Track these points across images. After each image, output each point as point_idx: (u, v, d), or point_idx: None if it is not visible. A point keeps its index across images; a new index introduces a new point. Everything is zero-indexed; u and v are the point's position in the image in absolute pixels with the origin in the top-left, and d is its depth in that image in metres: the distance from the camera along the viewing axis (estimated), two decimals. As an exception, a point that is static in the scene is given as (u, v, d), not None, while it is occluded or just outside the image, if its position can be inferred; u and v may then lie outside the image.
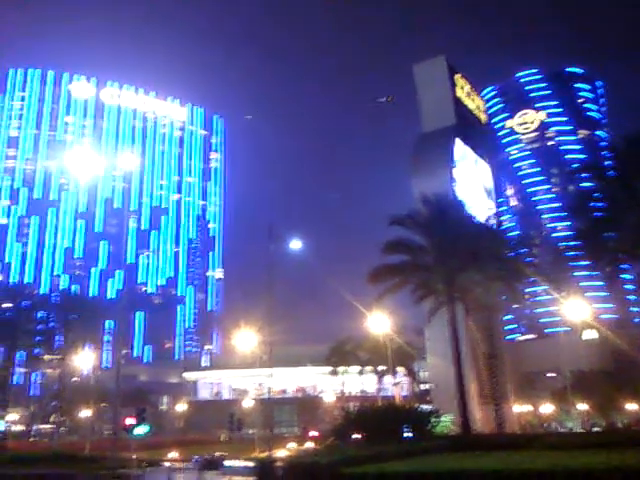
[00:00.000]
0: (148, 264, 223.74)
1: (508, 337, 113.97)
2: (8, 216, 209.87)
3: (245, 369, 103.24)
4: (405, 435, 36.06)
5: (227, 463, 40.79)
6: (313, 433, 69.98)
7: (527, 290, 64.26)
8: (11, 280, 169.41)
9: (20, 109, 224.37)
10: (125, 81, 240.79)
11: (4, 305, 59.65)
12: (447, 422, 45.64)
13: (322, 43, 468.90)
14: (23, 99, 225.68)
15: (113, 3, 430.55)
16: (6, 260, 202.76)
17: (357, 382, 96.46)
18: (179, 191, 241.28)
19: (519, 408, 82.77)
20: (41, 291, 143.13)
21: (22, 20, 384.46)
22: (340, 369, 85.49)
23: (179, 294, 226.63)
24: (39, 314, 61.71)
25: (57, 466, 35.71)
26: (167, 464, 42.65)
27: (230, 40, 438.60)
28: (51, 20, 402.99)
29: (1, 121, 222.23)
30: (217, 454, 47.26)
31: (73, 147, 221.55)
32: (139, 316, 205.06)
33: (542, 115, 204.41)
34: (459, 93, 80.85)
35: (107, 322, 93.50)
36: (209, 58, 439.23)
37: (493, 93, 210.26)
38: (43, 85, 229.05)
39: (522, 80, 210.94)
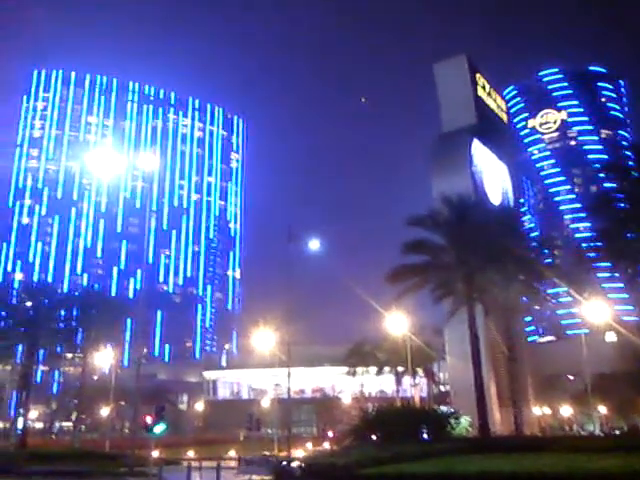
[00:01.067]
0: (168, 264, 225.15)
1: (528, 338, 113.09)
2: (31, 216, 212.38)
3: (264, 368, 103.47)
4: (424, 436, 35.92)
5: None
6: (331, 433, 69.94)
7: (548, 291, 63.75)
8: (33, 279, 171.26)
9: (43, 110, 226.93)
10: (147, 82, 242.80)
11: (26, 304, 60.21)
12: (466, 424, 45.39)
13: (341, 44, 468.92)
14: (46, 100, 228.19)
15: (134, 4, 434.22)
16: (29, 259, 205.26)
17: (376, 383, 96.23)
18: (199, 191, 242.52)
19: (539, 410, 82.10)
20: (63, 290, 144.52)
21: (44, 21, 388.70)
22: (359, 369, 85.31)
23: (199, 293, 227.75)
24: (61, 313, 62.21)
25: (76, 463, 36.06)
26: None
27: (247, 41, 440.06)
28: (73, 20, 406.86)
29: (25, 122, 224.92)
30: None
31: (95, 147, 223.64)
32: (159, 315, 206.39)
33: (564, 115, 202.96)
34: (480, 92, 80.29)
35: (127, 321, 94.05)
36: (229, 59, 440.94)
37: (514, 92, 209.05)
38: (66, 86, 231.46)
39: (544, 79, 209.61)
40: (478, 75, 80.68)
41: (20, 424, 60.94)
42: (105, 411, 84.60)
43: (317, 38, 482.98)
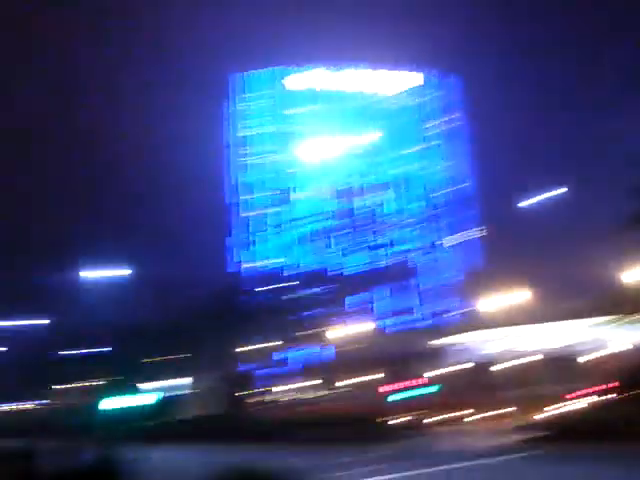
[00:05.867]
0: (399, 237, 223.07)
1: None
2: (250, 209, 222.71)
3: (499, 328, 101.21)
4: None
5: None
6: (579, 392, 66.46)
7: None
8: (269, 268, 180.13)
9: (248, 109, 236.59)
10: (350, 63, 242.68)
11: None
12: None
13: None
14: (251, 99, 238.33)
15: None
16: (257, 250, 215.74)
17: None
18: (420, 158, 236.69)
19: None
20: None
21: (232, 25, 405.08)
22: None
23: (435, 259, 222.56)
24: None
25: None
26: None
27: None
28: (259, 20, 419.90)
29: (232, 122, 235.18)
30: None
31: (304, 137, 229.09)
32: (386, 289, 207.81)
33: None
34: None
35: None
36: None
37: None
38: (269, 83, 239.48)
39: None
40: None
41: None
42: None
43: None
